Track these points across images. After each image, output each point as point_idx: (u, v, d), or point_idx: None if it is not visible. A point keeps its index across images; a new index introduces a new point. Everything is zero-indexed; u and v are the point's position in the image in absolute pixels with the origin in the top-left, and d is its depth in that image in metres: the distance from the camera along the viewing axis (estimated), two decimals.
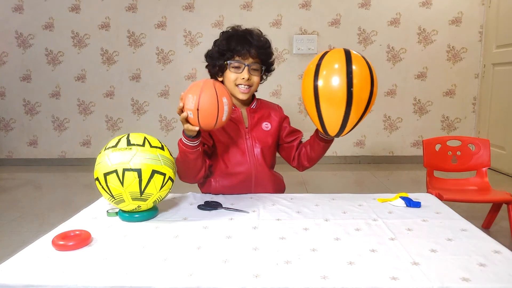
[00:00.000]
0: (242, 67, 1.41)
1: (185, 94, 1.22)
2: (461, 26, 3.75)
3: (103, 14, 3.82)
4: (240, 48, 1.39)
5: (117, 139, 1.25)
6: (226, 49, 1.41)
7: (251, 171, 1.50)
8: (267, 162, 1.53)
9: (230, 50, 1.40)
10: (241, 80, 1.42)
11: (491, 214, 2.22)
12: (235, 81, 1.43)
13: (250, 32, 1.44)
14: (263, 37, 1.47)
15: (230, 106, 1.22)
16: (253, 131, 1.51)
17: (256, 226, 1.21)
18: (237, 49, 1.39)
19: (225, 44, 1.41)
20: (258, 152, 1.51)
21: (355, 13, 3.76)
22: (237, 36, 1.41)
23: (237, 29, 1.46)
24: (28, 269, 0.94)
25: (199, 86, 1.21)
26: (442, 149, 2.25)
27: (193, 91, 1.20)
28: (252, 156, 1.50)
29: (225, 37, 1.43)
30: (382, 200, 1.44)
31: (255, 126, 1.52)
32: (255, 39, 1.42)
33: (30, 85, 3.98)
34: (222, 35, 1.45)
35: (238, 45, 1.39)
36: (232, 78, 1.43)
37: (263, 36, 1.47)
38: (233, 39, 1.40)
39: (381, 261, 0.97)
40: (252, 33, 1.44)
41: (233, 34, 1.43)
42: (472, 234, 1.13)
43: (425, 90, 3.87)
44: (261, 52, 1.43)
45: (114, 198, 1.21)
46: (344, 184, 3.29)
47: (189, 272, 0.92)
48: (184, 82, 3.90)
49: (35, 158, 4.09)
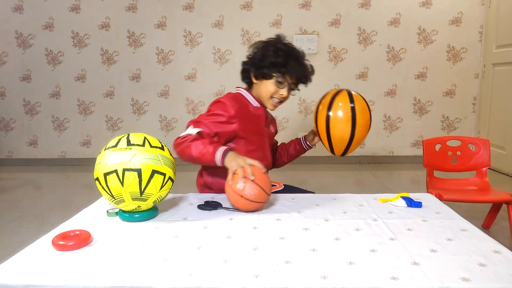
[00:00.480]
0: (285, 84, 1.50)
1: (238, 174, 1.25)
2: (461, 26, 3.75)
3: (103, 14, 3.82)
4: (295, 73, 1.48)
5: (117, 139, 1.25)
6: (282, 65, 1.46)
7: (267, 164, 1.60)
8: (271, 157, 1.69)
9: (284, 67, 1.46)
10: (279, 95, 1.51)
11: (491, 214, 2.22)
12: (272, 94, 1.51)
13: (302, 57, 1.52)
14: (309, 64, 1.55)
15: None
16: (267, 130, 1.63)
17: (256, 226, 1.21)
18: (292, 71, 1.47)
19: (283, 60, 1.46)
20: (268, 149, 1.63)
21: (355, 13, 3.76)
22: (296, 59, 1.48)
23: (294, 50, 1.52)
24: (28, 269, 0.94)
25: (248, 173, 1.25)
26: (442, 149, 2.25)
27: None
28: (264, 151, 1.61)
29: (284, 52, 1.48)
30: (383, 200, 1.44)
31: (268, 127, 1.64)
32: (307, 68, 1.52)
33: (30, 85, 3.98)
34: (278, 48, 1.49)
35: (294, 67, 1.47)
36: (271, 90, 1.50)
37: (309, 64, 1.55)
38: (291, 59, 1.47)
39: (381, 261, 0.97)
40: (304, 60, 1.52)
41: (292, 55, 1.49)
42: (472, 234, 1.13)
43: (425, 90, 3.87)
44: (306, 80, 1.54)
45: (114, 198, 1.21)
46: (344, 184, 3.29)
47: (189, 272, 0.92)
48: (184, 82, 3.91)
49: (35, 158, 4.09)
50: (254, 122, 1.55)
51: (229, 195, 1.28)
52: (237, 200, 1.27)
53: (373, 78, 3.86)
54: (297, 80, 1.52)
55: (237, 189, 1.25)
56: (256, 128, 1.55)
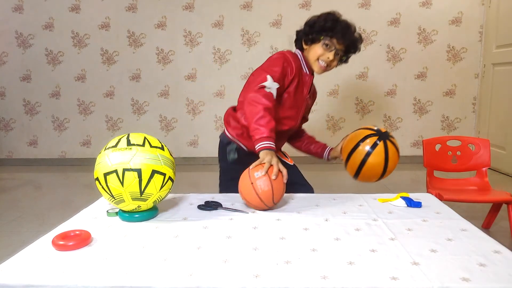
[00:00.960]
0: (332, 48, 1.55)
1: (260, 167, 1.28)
2: (461, 26, 3.75)
3: (103, 14, 3.82)
4: (341, 35, 1.53)
5: (117, 139, 1.25)
6: (329, 28, 1.52)
7: (293, 129, 1.67)
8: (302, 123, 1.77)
9: (332, 30, 1.52)
10: (325, 58, 1.56)
11: (491, 214, 2.22)
12: (319, 56, 1.56)
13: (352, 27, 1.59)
14: (358, 34, 1.63)
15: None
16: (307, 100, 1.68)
17: (256, 226, 1.21)
18: (338, 33, 1.53)
19: (331, 24, 1.53)
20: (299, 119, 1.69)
21: (356, 13, 3.75)
22: (343, 24, 1.55)
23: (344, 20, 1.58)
24: (28, 269, 0.94)
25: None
26: (442, 149, 2.25)
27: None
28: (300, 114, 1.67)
29: (333, 18, 1.55)
30: (383, 200, 1.44)
31: (310, 97, 1.70)
32: (354, 34, 1.59)
33: (30, 85, 3.98)
34: (329, 15, 1.56)
35: (341, 30, 1.53)
36: (319, 52, 1.56)
37: (358, 33, 1.62)
38: (339, 24, 1.54)
39: (381, 261, 0.97)
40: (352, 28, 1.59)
41: (340, 20, 1.56)
42: (472, 234, 1.13)
43: (425, 90, 3.87)
44: (352, 45, 1.61)
45: (114, 198, 1.21)
46: (344, 184, 3.29)
47: (189, 272, 0.92)
48: (184, 82, 3.91)
49: (35, 158, 4.09)
50: (301, 86, 1.59)
51: (242, 177, 1.29)
52: (245, 185, 1.27)
53: (373, 78, 3.86)
54: (345, 46, 1.58)
55: (253, 175, 1.26)
56: (300, 93, 1.60)
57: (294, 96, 1.58)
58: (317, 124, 3.93)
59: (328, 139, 3.94)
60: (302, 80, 1.59)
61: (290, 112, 1.60)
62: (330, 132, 3.95)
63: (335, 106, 3.91)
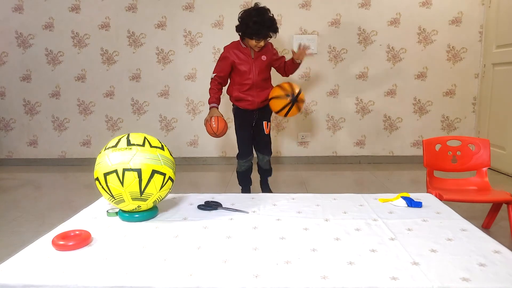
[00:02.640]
0: (260, 40, 2.37)
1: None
2: (461, 26, 3.75)
3: (103, 14, 3.82)
4: (262, 35, 2.35)
5: (117, 139, 1.25)
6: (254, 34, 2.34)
7: (253, 81, 2.50)
8: (263, 77, 2.53)
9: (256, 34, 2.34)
10: (257, 45, 2.41)
11: (491, 214, 2.22)
12: (254, 45, 2.40)
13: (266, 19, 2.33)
14: (274, 20, 2.38)
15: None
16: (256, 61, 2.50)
17: (256, 226, 1.21)
18: (260, 35, 2.34)
19: (254, 31, 2.32)
20: (257, 71, 2.50)
21: (355, 13, 3.75)
22: (262, 24, 2.30)
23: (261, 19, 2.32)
24: (28, 269, 0.94)
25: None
26: (442, 149, 2.25)
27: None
28: (254, 73, 2.50)
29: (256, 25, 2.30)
30: (384, 200, 1.44)
31: (256, 59, 2.50)
32: (269, 25, 2.34)
33: (30, 85, 3.98)
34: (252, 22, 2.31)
35: (262, 34, 2.34)
36: (253, 43, 2.39)
37: (274, 20, 2.38)
38: (261, 28, 2.31)
39: (381, 261, 0.97)
40: (267, 21, 2.33)
41: (260, 25, 2.30)
42: (472, 234, 1.13)
43: (425, 90, 3.87)
44: (274, 31, 2.40)
45: (114, 198, 1.21)
46: (344, 184, 3.29)
47: (189, 272, 0.92)
48: (184, 82, 3.91)
49: (35, 158, 4.09)
50: (242, 55, 2.48)
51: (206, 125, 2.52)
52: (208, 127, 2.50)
53: (373, 78, 3.86)
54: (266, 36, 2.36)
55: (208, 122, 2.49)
56: (245, 58, 2.47)
57: (241, 65, 2.47)
58: (317, 124, 3.93)
59: (328, 139, 3.96)
60: (244, 54, 2.47)
61: (244, 75, 2.49)
62: (330, 132, 3.95)
63: (335, 106, 3.91)
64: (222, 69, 2.53)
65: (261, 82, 2.52)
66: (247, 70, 2.47)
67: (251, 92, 2.52)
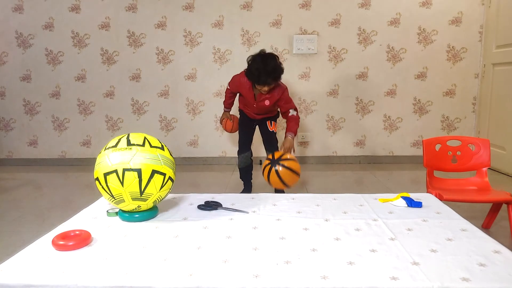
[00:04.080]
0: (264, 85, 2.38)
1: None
2: (461, 26, 3.75)
3: (103, 14, 3.82)
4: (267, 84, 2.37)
5: (117, 139, 1.25)
6: (258, 81, 2.37)
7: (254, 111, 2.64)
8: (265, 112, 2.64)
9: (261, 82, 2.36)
10: (263, 90, 2.42)
11: (491, 214, 2.22)
12: (259, 89, 2.42)
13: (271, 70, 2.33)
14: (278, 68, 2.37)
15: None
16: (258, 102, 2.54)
17: (256, 226, 1.21)
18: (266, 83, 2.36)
19: (256, 77, 2.36)
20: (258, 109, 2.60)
21: (355, 13, 3.75)
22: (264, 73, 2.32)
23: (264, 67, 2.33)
24: (28, 269, 0.94)
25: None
26: (442, 149, 2.25)
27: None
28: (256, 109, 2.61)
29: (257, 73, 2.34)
30: (384, 200, 1.44)
31: (260, 101, 2.53)
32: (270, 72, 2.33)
33: (30, 85, 3.98)
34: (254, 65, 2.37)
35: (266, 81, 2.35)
36: (258, 87, 2.41)
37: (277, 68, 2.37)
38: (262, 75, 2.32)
39: (381, 261, 0.97)
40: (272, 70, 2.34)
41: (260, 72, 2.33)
42: (472, 234, 1.13)
43: (425, 90, 3.87)
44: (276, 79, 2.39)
45: (114, 198, 1.21)
46: (344, 184, 3.29)
47: (189, 272, 0.92)
48: (184, 82, 3.91)
49: (35, 158, 4.09)
50: (245, 91, 2.54)
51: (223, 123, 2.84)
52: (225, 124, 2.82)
53: (373, 78, 3.86)
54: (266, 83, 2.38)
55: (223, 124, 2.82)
56: (247, 94, 2.54)
57: (244, 98, 2.60)
58: (317, 124, 3.93)
59: (328, 139, 3.96)
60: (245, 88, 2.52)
61: (246, 105, 2.64)
62: (330, 132, 3.95)
63: (335, 106, 3.91)
64: (232, 88, 2.67)
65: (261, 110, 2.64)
66: (249, 103, 2.59)
67: (253, 112, 2.66)
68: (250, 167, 2.78)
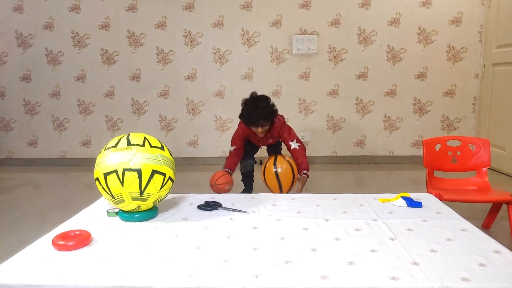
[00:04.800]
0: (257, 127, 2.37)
1: None
2: (461, 26, 3.75)
3: (103, 14, 3.82)
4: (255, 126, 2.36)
5: (117, 139, 1.25)
6: (251, 124, 2.37)
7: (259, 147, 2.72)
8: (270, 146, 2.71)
9: (253, 125, 2.36)
10: (258, 132, 2.40)
11: (491, 214, 2.22)
12: (254, 131, 2.41)
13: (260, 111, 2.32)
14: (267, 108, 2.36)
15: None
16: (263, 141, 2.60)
17: (256, 226, 1.21)
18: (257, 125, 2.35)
19: (248, 121, 2.37)
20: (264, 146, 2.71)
21: (355, 13, 3.75)
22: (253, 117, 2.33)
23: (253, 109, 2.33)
24: (28, 269, 0.94)
25: None
26: (442, 149, 2.25)
27: None
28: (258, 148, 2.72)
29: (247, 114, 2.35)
30: (384, 200, 1.44)
31: (264, 139, 2.57)
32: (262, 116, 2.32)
33: (30, 85, 3.98)
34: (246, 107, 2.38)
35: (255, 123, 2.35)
36: (253, 129, 2.40)
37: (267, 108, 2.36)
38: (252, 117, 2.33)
39: (381, 261, 0.97)
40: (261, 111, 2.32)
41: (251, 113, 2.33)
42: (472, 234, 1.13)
43: (425, 90, 3.87)
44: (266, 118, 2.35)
45: (114, 198, 1.21)
46: (344, 184, 3.29)
47: (189, 272, 0.92)
48: (184, 82, 3.91)
49: (35, 158, 4.09)
50: (252, 137, 2.54)
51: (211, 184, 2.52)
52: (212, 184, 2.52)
53: (373, 78, 3.86)
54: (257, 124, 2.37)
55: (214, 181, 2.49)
56: (254, 139, 2.57)
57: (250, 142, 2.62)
58: (317, 124, 3.93)
59: (328, 139, 3.96)
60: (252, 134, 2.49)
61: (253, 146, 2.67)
62: (330, 132, 3.95)
63: (335, 106, 3.91)
64: (238, 142, 2.56)
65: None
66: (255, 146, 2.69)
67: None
68: (252, 171, 2.81)
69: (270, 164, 2.42)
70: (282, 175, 2.38)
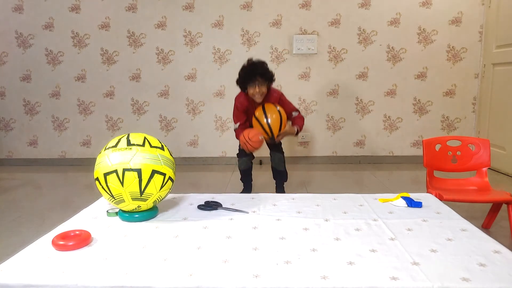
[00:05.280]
0: (254, 85, 2.43)
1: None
2: (461, 26, 3.75)
3: (103, 14, 3.82)
4: (252, 84, 2.43)
5: (117, 139, 1.25)
6: (244, 81, 2.45)
7: None
8: None
9: (246, 81, 2.44)
10: (254, 93, 2.46)
11: (491, 214, 2.22)
12: (251, 94, 2.47)
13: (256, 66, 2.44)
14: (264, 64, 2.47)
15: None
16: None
17: (256, 226, 1.21)
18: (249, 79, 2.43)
19: (244, 78, 2.45)
20: None
21: (355, 13, 3.75)
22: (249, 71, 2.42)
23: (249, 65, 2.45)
24: (28, 269, 0.94)
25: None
26: (442, 149, 2.25)
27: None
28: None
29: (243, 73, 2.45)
30: (384, 200, 1.44)
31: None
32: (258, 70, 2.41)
33: (30, 85, 3.98)
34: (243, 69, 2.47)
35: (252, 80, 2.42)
36: (251, 92, 2.47)
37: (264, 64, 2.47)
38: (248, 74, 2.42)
39: (381, 261, 0.97)
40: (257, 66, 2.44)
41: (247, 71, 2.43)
42: (472, 234, 1.13)
43: (425, 90, 3.87)
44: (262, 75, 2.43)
45: (114, 198, 1.21)
46: (344, 184, 3.29)
47: (189, 272, 0.92)
48: (184, 82, 3.91)
49: (35, 158, 4.09)
50: (250, 104, 2.58)
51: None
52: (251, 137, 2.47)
53: (373, 78, 3.86)
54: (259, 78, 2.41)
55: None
56: (251, 107, 2.58)
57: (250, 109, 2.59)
58: (317, 124, 3.93)
59: (328, 139, 3.96)
60: (252, 105, 2.57)
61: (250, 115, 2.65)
62: (330, 132, 3.95)
63: (335, 106, 3.91)
64: (241, 117, 2.62)
65: None
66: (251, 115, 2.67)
67: None
68: (250, 169, 2.79)
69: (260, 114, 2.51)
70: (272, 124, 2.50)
